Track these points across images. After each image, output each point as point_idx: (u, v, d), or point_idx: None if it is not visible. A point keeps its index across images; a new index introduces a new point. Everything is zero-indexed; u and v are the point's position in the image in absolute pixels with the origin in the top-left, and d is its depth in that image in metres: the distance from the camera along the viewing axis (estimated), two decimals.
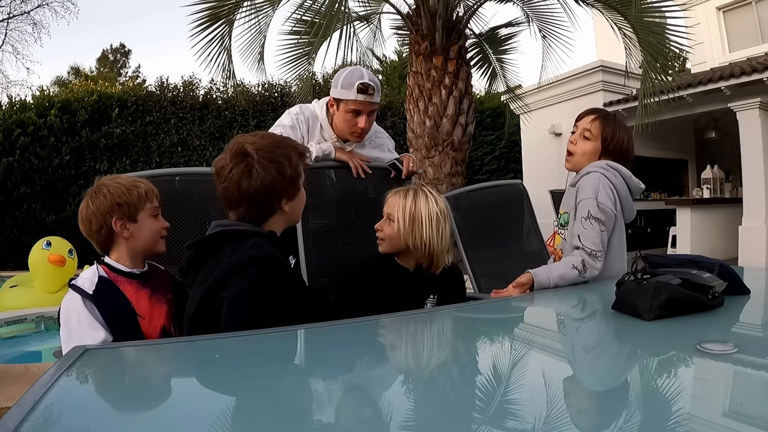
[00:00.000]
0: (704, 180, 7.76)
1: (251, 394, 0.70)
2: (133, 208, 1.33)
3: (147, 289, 1.35)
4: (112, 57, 28.64)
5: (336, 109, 1.85)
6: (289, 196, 1.22)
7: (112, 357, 0.93)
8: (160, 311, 1.35)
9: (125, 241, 1.34)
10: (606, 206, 1.49)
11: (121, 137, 8.02)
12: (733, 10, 8.29)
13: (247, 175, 1.14)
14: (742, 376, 0.73)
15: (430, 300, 1.52)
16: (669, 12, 4.61)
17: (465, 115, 4.74)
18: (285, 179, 1.18)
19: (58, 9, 20.16)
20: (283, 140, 1.25)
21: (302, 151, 1.24)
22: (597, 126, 1.59)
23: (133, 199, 1.33)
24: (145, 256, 1.40)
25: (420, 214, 1.45)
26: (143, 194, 1.35)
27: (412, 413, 0.66)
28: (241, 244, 1.12)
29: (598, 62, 7.80)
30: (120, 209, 1.31)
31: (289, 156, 1.19)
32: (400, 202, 1.48)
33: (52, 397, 0.64)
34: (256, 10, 4.72)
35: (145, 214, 1.35)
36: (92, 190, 1.35)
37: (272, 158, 1.16)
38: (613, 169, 1.56)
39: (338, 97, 1.82)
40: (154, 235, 1.38)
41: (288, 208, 1.23)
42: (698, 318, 0.96)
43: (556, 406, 0.66)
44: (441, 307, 1.39)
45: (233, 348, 0.91)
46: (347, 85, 1.79)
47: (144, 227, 1.35)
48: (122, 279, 1.33)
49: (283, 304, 1.10)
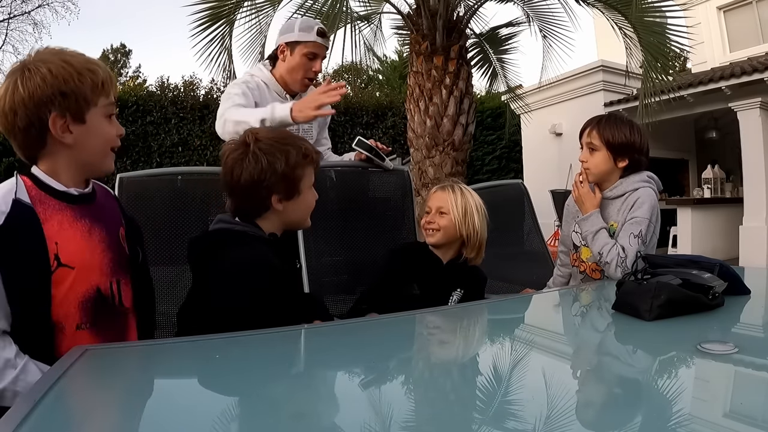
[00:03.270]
0: (705, 180, 7.75)
1: (251, 394, 0.70)
2: (82, 101, 0.94)
3: (85, 221, 0.97)
4: (112, 57, 28.64)
5: (289, 54, 1.84)
6: (284, 195, 1.15)
7: (112, 357, 0.93)
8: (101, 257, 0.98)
9: (64, 150, 0.95)
10: (656, 227, 1.57)
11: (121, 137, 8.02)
12: (734, 9, 8.28)
13: (239, 164, 1.12)
14: (742, 377, 0.73)
15: (456, 293, 1.54)
16: (669, 12, 4.60)
17: (466, 115, 4.73)
18: (276, 174, 1.12)
19: (59, 9, 20.12)
20: (290, 137, 1.19)
21: (308, 153, 1.17)
22: (596, 135, 1.61)
23: (83, 89, 0.94)
24: (87, 173, 1.01)
25: (470, 204, 1.56)
26: (99, 84, 0.96)
27: (412, 413, 0.66)
28: (239, 246, 1.12)
29: (598, 62, 7.80)
30: (64, 101, 0.92)
31: (287, 152, 1.13)
32: (450, 196, 1.56)
33: (52, 397, 0.64)
34: (257, 10, 4.72)
35: (97, 112, 0.97)
36: (23, 67, 0.92)
37: (268, 150, 1.12)
38: (653, 180, 1.62)
39: (296, 40, 1.83)
40: (104, 144, 1.00)
41: (282, 208, 1.16)
42: (698, 318, 0.96)
43: (556, 407, 0.66)
44: (440, 307, 1.39)
45: (234, 348, 0.91)
46: (306, 28, 1.82)
47: (93, 131, 0.97)
48: (52, 202, 0.93)
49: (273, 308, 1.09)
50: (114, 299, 1.00)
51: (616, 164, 1.60)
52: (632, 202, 1.56)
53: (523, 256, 2.44)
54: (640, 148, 1.61)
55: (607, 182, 1.64)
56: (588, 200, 1.62)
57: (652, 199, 1.56)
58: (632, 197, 1.57)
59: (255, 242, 1.15)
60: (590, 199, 1.62)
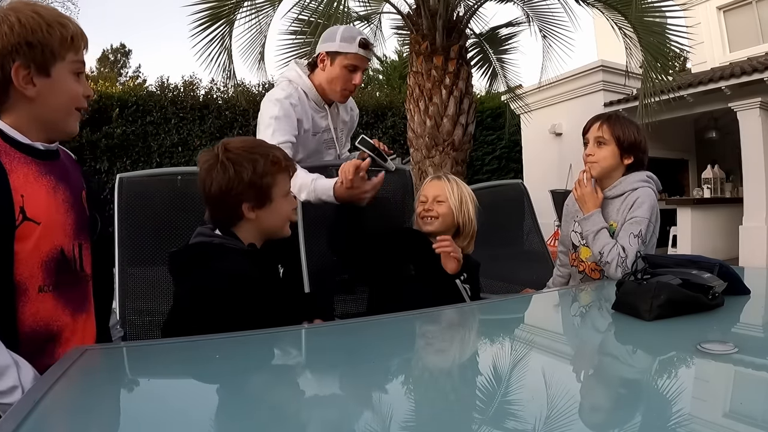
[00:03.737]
0: (705, 180, 7.75)
1: (252, 394, 0.70)
2: (49, 54, 0.90)
3: (51, 177, 0.93)
4: (112, 57, 28.63)
5: (329, 64, 1.80)
6: (255, 203, 1.14)
7: (112, 357, 0.93)
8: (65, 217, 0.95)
9: (26, 104, 0.91)
10: (656, 226, 1.57)
11: (121, 137, 8.01)
12: (734, 9, 8.28)
13: (209, 174, 1.13)
14: (742, 377, 0.73)
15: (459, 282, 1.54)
16: (669, 12, 4.60)
17: (465, 115, 4.73)
18: (243, 183, 1.11)
19: (59, 9, 20.16)
20: (259, 146, 1.18)
21: (276, 161, 1.16)
22: (607, 130, 1.62)
23: (51, 41, 0.90)
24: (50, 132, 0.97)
25: (465, 194, 1.60)
26: (68, 38, 0.92)
27: (412, 413, 0.66)
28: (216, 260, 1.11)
29: (598, 62, 7.79)
30: (29, 51, 0.88)
31: (254, 161, 1.12)
32: (446, 185, 1.60)
33: (52, 397, 0.64)
34: (257, 10, 4.72)
35: (64, 67, 0.93)
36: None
37: (235, 160, 1.12)
38: (652, 179, 1.63)
39: (337, 50, 1.77)
40: (68, 101, 0.95)
41: (255, 216, 1.15)
42: (698, 318, 0.96)
43: (556, 407, 0.66)
44: (441, 307, 1.39)
45: (234, 348, 0.91)
46: (349, 38, 1.76)
47: (58, 86, 0.93)
48: (17, 155, 0.89)
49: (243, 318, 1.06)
50: (76, 263, 0.98)
51: (622, 161, 1.63)
52: (632, 202, 1.57)
53: (522, 256, 2.44)
54: (644, 149, 1.65)
55: (609, 179, 1.65)
56: (590, 199, 1.63)
57: (652, 198, 1.57)
58: (632, 197, 1.58)
59: (232, 254, 1.13)
60: (592, 198, 1.62)
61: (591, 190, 1.63)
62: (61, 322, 0.96)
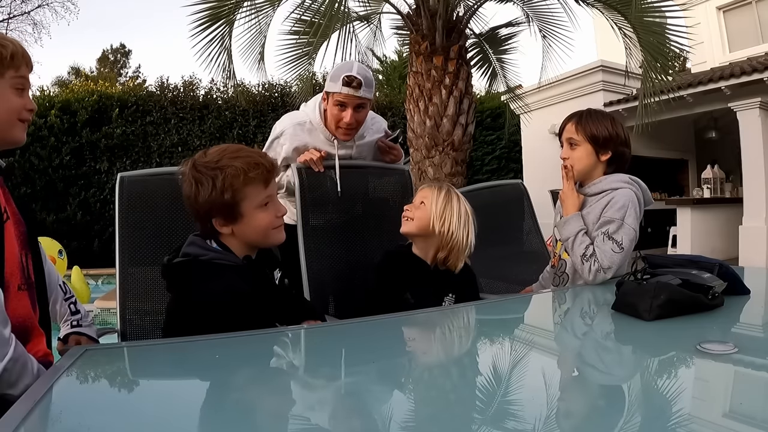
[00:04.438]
0: (704, 180, 7.76)
1: (251, 394, 0.70)
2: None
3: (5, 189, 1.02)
4: (112, 57, 28.64)
5: (326, 103, 1.85)
6: (225, 220, 1.09)
7: (112, 357, 0.93)
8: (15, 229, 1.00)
9: None
10: (632, 227, 1.48)
11: (121, 137, 8.02)
12: (733, 9, 8.28)
13: (184, 186, 1.11)
14: (742, 376, 0.73)
15: (448, 298, 1.54)
16: (669, 12, 4.60)
17: (465, 115, 4.73)
18: (206, 200, 1.07)
19: (59, 9, 20.15)
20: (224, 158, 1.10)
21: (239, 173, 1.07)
22: (576, 130, 1.58)
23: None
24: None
25: (453, 207, 1.55)
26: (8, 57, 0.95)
27: (412, 413, 0.66)
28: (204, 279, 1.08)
29: (598, 62, 7.79)
30: None
31: (214, 177, 1.06)
32: (434, 192, 1.57)
33: (51, 397, 0.64)
34: (257, 10, 4.72)
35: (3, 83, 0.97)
36: None
37: (196, 177, 1.08)
38: (636, 183, 1.56)
39: (327, 90, 1.83)
40: (10, 114, 0.98)
41: (230, 231, 1.11)
42: (698, 318, 0.96)
43: (556, 407, 0.66)
44: (440, 308, 1.39)
45: (234, 348, 0.91)
46: (335, 77, 1.79)
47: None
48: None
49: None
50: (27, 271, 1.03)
51: (599, 158, 1.57)
52: (607, 202, 1.52)
53: (522, 256, 2.44)
54: (623, 141, 1.58)
55: (590, 179, 1.60)
56: (569, 199, 1.57)
57: (628, 199, 1.50)
58: (608, 197, 1.53)
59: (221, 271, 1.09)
60: (572, 198, 1.57)
61: (571, 188, 1.58)
62: (32, 321, 1.02)
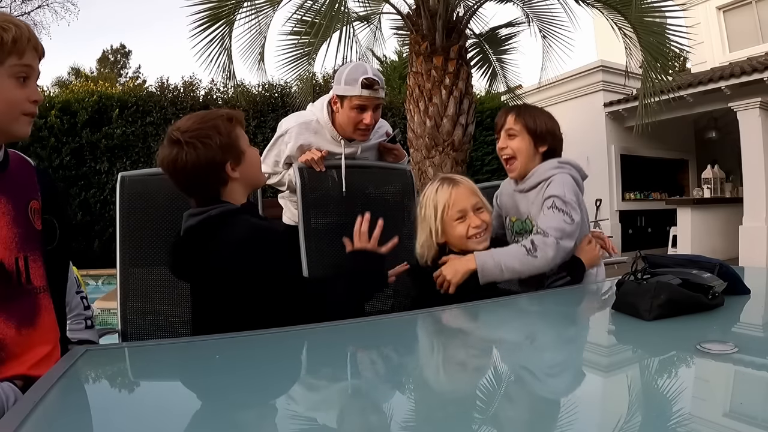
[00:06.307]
0: (704, 180, 7.76)
1: (251, 394, 0.70)
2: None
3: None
4: (112, 57, 28.65)
5: (340, 107, 1.83)
6: (234, 162, 1.21)
7: (112, 357, 0.93)
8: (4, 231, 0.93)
9: None
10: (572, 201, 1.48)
11: (121, 138, 8.01)
12: (733, 9, 8.29)
13: (182, 159, 1.16)
14: (742, 376, 0.73)
15: None
16: (669, 12, 4.60)
17: (465, 115, 4.73)
18: (215, 149, 1.17)
19: (59, 10, 20.14)
20: (208, 114, 1.24)
21: (231, 116, 1.23)
22: (514, 120, 1.60)
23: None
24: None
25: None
26: (9, 42, 0.88)
27: (412, 413, 0.66)
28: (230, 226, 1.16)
29: (598, 62, 7.81)
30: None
31: (216, 126, 1.18)
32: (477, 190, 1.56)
33: (52, 397, 0.64)
34: (257, 11, 4.72)
35: (3, 72, 0.90)
36: None
37: (197, 135, 1.16)
38: (568, 164, 1.58)
39: (342, 94, 1.80)
40: (10, 106, 0.91)
41: (239, 174, 1.22)
42: (698, 318, 0.96)
43: (556, 406, 0.66)
44: (441, 307, 1.39)
45: (234, 348, 0.91)
46: (351, 81, 1.77)
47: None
48: None
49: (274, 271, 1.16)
50: (20, 276, 0.94)
51: (536, 149, 1.59)
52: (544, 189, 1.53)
53: None
54: (558, 136, 1.62)
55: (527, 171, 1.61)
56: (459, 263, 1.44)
57: (564, 179, 1.51)
58: (545, 185, 1.54)
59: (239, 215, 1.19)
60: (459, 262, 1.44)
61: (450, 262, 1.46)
62: (4, 335, 0.92)
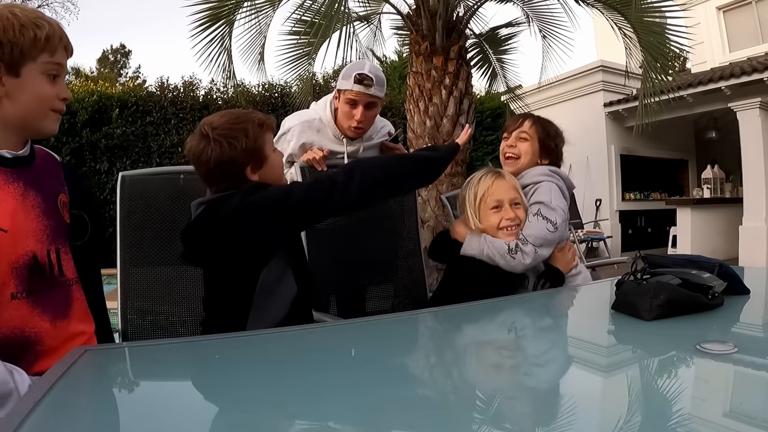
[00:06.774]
0: (704, 180, 7.77)
1: (251, 395, 0.70)
2: (18, 54, 0.90)
3: (18, 184, 0.94)
4: (112, 57, 28.66)
5: (337, 101, 1.89)
6: (255, 165, 1.25)
7: (112, 357, 0.93)
8: (35, 223, 0.95)
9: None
10: (561, 208, 1.53)
11: (121, 138, 8.01)
12: (733, 9, 8.29)
13: (206, 154, 1.21)
14: (742, 376, 0.73)
15: None
16: (669, 12, 4.60)
17: (465, 116, 4.73)
18: (239, 151, 1.21)
19: (59, 9, 20.04)
20: (241, 115, 1.28)
21: (263, 122, 1.28)
22: (531, 126, 1.67)
23: (22, 42, 0.90)
24: (24, 132, 0.97)
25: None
26: (42, 39, 0.92)
27: (412, 413, 0.66)
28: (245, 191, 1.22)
29: (598, 62, 7.81)
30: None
31: (245, 129, 1.23)
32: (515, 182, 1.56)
33: (52, 397, 0.64)
34: (257, 11, 4.72)
35: (35, 68, 0.93)
36: None
37: (226, 134, 1.21)
38: (557, 175, 1.63)
39: (339, 88, 1.86)
40: (40, 103, 0.94)
41: (258, 177, 1.26)
42: (698, 318, 0.96)
43: (555, 406, 0.66)
44: (441, 307, 1.39)
45: (233, 348, 0.91)
46: (347, 75, 1.84)
47: (27, 87, 0.92)
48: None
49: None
50: (53, 269, 0.97)
51: (540, 160, 1.67)
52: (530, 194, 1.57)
53: None
54: (561, 156, 1.72)
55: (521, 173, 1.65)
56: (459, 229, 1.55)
57: (551, 188, 1.55)
58: (531, 190, 1.58)
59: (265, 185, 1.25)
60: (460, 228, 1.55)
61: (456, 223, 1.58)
62: (39, 328, 0.94)
